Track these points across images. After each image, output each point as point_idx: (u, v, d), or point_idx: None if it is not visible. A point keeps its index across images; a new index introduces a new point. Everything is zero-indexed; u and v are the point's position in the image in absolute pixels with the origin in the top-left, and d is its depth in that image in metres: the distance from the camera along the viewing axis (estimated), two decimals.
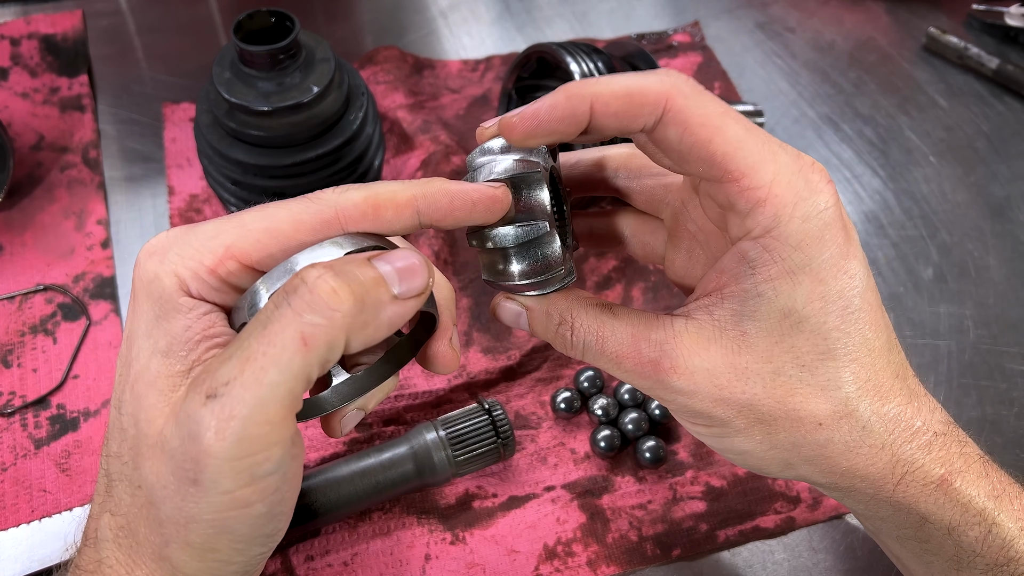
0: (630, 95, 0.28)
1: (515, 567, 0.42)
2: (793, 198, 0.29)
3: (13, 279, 0.52)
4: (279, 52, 0.45)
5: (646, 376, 0.30)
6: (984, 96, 0.68)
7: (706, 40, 0.70)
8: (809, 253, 0.29)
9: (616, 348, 0.30)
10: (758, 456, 0.31)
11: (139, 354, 0.27)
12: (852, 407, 0.30)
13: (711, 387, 0.30)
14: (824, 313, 0.30)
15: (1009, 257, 0.58)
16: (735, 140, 0.28)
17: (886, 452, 0.31)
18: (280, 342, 0.24)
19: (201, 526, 0.25)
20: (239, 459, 0.24)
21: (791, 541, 0.45)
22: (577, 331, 0.31)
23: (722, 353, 0.30)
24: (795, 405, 0.30)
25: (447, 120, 0.63)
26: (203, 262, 0.27)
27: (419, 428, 0.43)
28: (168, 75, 0.64)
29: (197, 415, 0.24)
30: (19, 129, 0.59)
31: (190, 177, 0.58)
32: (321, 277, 0.25)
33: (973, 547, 0.31)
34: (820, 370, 0.30)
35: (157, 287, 0.27)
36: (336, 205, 0.28)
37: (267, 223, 0.27)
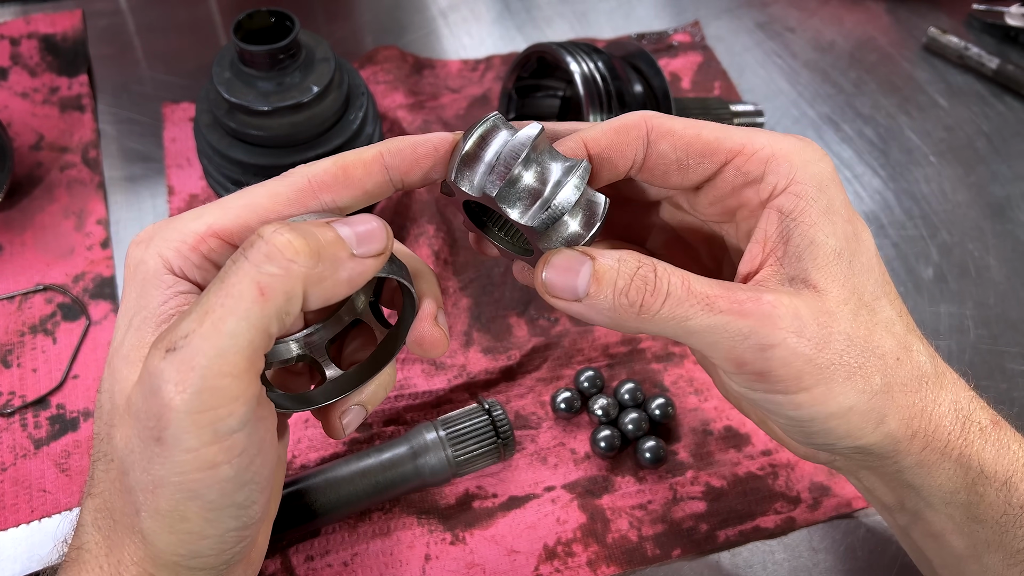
0: (615, 129, 0.30)
1: (515, 567, 0.42)
2: (796, 148, 0.30)
3: (13, 279, 0.52)
4: (279, 52, 0.45)
5: (747, 312, 0.28)
6: (984, 96, 0.68)
7: (706, 40, 0.70)
8: (831, 195, 0.30)
9: (707, 288, 0.28)
10: (860, 411, 0.29)
11: (117, 333, 0.28)
12: (910, 342, 0.31)
13: (815, 325, 0.28)
14: (859, 252, 0.30)
15: (1009, 257, 0.58)
16: (718, 129, 0.31)
17: (947, 392, 0.31)
18: (237, 292, 0.24)
19: (168, 490, 0.25)
20: (200, 412, 0.24)
21: (791, 541, 0.45)
22: (661, 272, 0.28)
23: (807, 302, 0.29)
24: (876, 343, 0.30)
25: (447, 120, 0.63)
26: (186, 241, 0.28)
27: (419, 428, 0.43)
28: (168, 75, 0.64)
29: (157, 369, 0.24)
30: (19, 129, 0.59)
31: (190, 177, 0.58)
32: (277, 231, 0.25)
33: (1021, 500, 0.31)
34: (879, 308, 0.30)
35: (142, 270, 0.28)
36: (308, 174, 0.29)
37: (245, 200, 0.28)
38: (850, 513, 0.45)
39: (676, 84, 0.67)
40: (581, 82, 0.48)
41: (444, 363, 0.49)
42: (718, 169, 0.31)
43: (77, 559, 0.27)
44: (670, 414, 0.47)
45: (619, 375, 0.50)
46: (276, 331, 0.25)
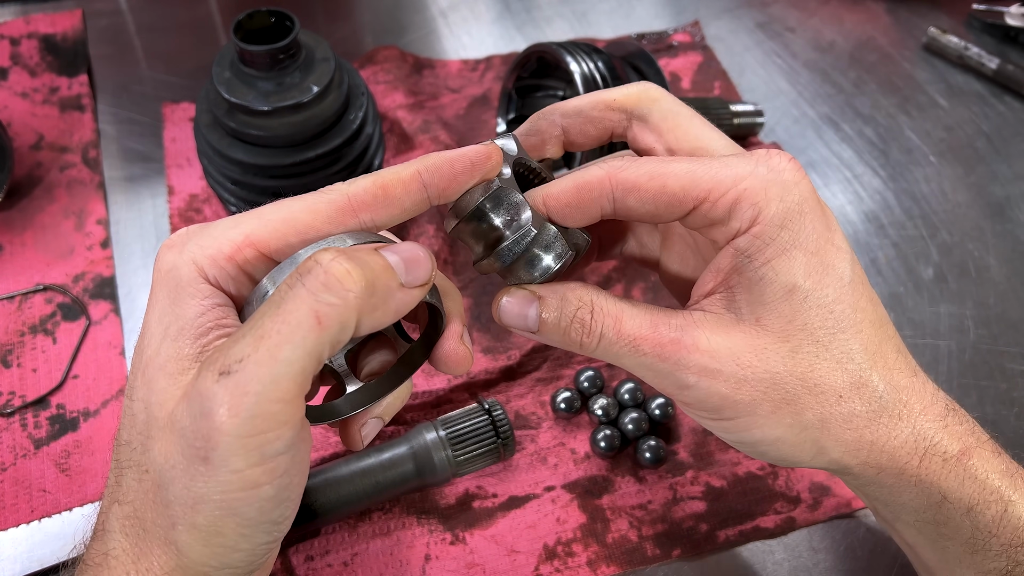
0: (577, 187, 0.31)
1: (515, 567, 0.42)
2: (763, 184, 0.30)
3: (13, 279, 0.52)
4: (279, 52, 0.45)
5: (666, 357, 0.30)
6: (984, 96, 0.68)
7: (706, 40, 0.70)
8: (795, 230, 0.30)
9: (635, 330, 0.30)
10: (790, 442, 0.31)
11: (151, 340, 0.28)
12: (866, 377, 0.31)
13: (733, 365, 0.30)
14: (823, 285, 0.31)
15: (1009, 257, 0.58)
16: (686, 173, 0.30)
17: (905, 424, 0.31)
18: (295, 320, 0.24)
19: (209, 507, 0.25)
20: (251, 436, 0.24)
21: (791, 541, 0.45)
22: (597, 314, 0.31)
23: (741, 336, 0.30)
24: (816, 380, 0.30)
25: (447, 120, 0.63)
26: (222, 250, 0.28)
27: (419, 428, 0.42)
28: (168, 75, 0.64)
29: (210, 392, 0.24)
30: (19, 129, 0.59)
31: (190, 177, 0.58)
32: (335, 260, 0.25)
33: (989, 527, 0.31)
34: (833, 343, 0.31)
35: (174, 276, 0.28)
36: (347, 193, 0.29)
37: (284, 213, 0.28)
38: (850, 513, 0.45)
39: (676, 84, 0.67)
40: (581, 82, 0.48)
41: None
42: (685, 214, 0.31)
43: (103, 563, 0.27)
44: (670, 414, 0.47)
45: (619, 375, 0.50)
46: (327, 358, 0.26)
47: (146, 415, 0.27)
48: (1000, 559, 0.31)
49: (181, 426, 0.25)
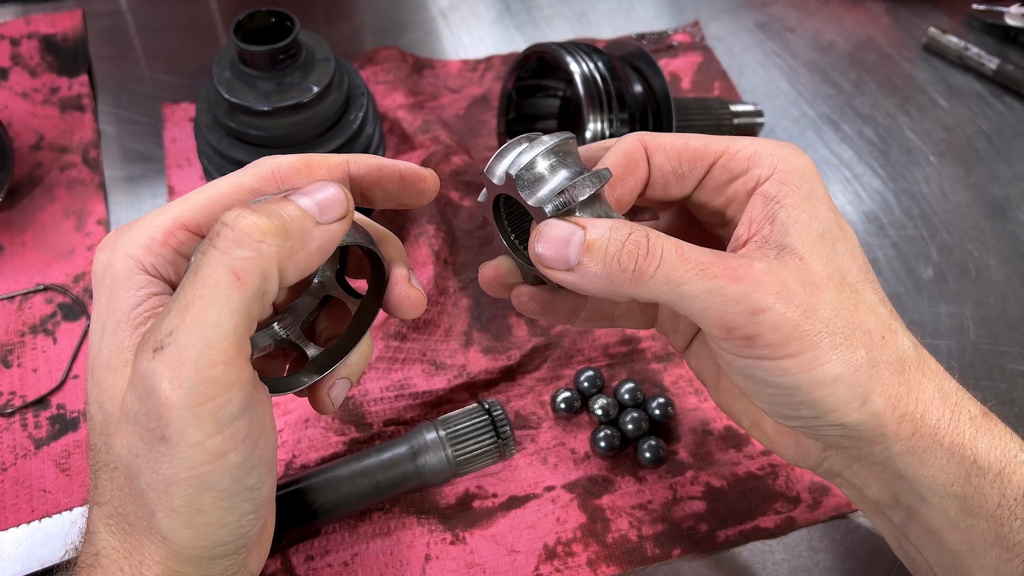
0: (624, 154, 0.33)
1: (515, 567, 0.42)
2: (776, 146, 0.33)
3: (13, 279, 0.52)
4: (279, 52, 0.45)
5: (740, 278, 0.28)
6: (984, 96, 0.68)
7: (706, 40, 0.70)
8: (812, 185, 0.32)
9: (699, 255, 0.29)
10: (846, 383, 0.29)
11: (93, 341, 0.28)
12: (894, 327, 0.31)
13: (802, 293, 0.29)
14: (843, 239, 0.32)
15: (1009, 257, 0.58)
16: (703, 138, 0.33)
17: (931, 380, 0.32)
18: (213, 282, 0.25)
19: (181, 487, 0.25)
20: (200, 405, 0.24)
21: (791, 541, 0.45)
22: (654, 238, 0.29)
23: (794, 272, 0.30)
24: (860, 319, 0.30)
25: (447, 120, 0.63)
26: (155, 237, 0.28)
27: (419, 428, 0.43)
28: (168, 75, 0.64)
29: (148, 370, 0.24)
30: (19, 129, 0.59)
31: (190, 177, 0.58)
32: (240, 215, 0.25)
33: (1015, 494, 0.31)
34: (863, 290, 0.31)
35: (111, 274, 0.28)
36: (272, 165, 0.30)
37: (209, 191, 0.29)
38: (850, 513, 0.45)
39: (676, 84, 0.67)
40: (581, 82, 0.48)
41: (444, 363, 0.49)
42: (707, 170, 0.33)
43: (95, 563, 0.27)
44: (670, 414, 0.47)
45: (619, 375, 0.50)
46: (257, 313, 0.26)
47: (102, 414, 0.27)
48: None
49: (133, 413, 0.25)
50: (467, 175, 0.57)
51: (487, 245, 0.55)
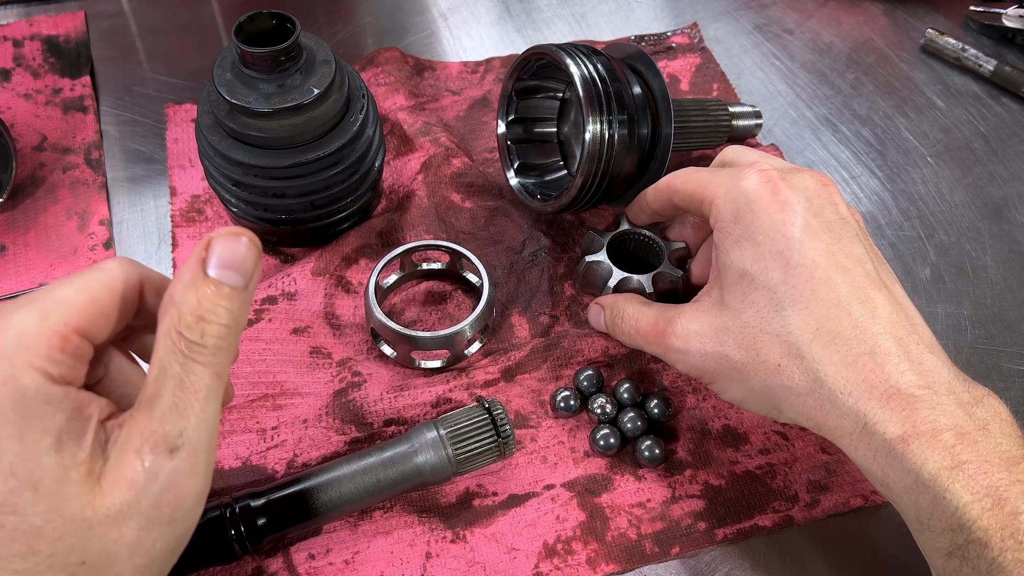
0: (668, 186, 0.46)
1: (515, 565, 0.43)
2: (724, 189, 0.40)
3: (16, 279, 0.52)
4: (280, 54, 0.45)
5: (659, 343, 0.43)
6: (981, 97, 0.68)
7: (704, 42, 0.71)
8: (745, 223, 0.39)
9: (644, 327, 0.44)
10: (752, 402, 0.40)
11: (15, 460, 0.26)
12: (803, 351, 0.36)
13: (697, 345, 0.41)
14: (767, 270, 0.38)
15: (1006, 257, 0.58)
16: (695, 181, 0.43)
17: (844, 399, 0.35)
18: (205, 387, 0.29)
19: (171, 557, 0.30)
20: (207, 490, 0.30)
21: (789, 539, 0.45)
22: (626, 318, 0.46)
23: (709, 319, 0.40)
24: (758, 351, 0.38)
25: (448, 122, 0.63)
26: (53, 345, 0.28)
27: (419, 427, 0.43)
28: (170, 76, 0.65)
29: (172, 468, 0.28)
30: (21, 130, 0.59)
31: (192, 178, 0.58)
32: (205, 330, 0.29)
33: (928, 510, 0.33)
34: (774, 319, 0.37)
35: (16, 387, 0.27)
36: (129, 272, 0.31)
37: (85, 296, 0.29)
38: (848, 512, 0.46)
39: (675, 86, 0.68)
40: (581, 84, 0.48)
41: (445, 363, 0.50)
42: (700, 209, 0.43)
43: None
44: (669, 413, 0.48)
45: (618, 375, 0.50)
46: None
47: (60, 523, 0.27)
48: (942, 539, 0.33)
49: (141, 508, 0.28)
50: (467, 177, 0.58)
51: (489, 246, 0.56)
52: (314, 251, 0.54)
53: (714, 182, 0.41)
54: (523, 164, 0.57)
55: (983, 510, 0.31)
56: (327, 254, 0.53)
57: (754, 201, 0.38)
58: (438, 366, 0.50)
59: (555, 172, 0.58)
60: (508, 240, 0.56)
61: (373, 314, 0.48)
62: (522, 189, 0.56)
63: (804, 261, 0.37)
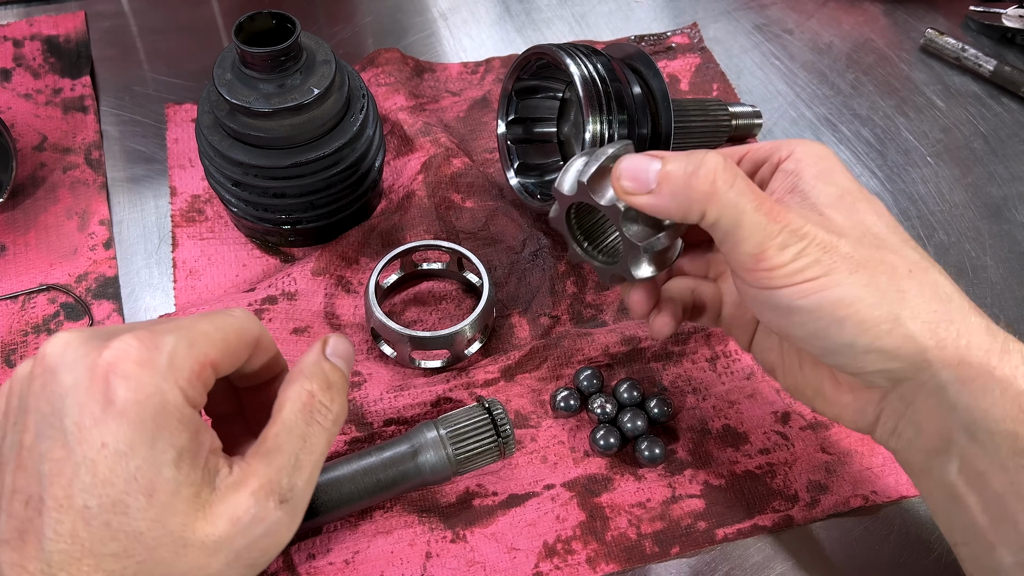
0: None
1: (515, 565, 0.43)
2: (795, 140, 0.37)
3: (16, 279, 0.52)
4: (280, 54, 0.45)
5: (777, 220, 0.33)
6: (981, 97, 0.68)
7: (704, 42, 0.71)
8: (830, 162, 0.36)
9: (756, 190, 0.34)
10: (869, 303, 0.32)
11: (142, 465, 0.29)
12: (927, 268, 0.33)
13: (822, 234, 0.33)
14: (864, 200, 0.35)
15: (1006, 257, 0.58)
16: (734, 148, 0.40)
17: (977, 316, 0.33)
18: (319, 450, 0.33)
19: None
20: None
21: (789, 539, 0.45)
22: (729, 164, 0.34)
23: (816, 222, 0.34)
24: (882, 257, 0.33)
25: (448, 122, 0.63)
26: (193, 370, 0.31)
27: (419, 427, 0.43)
28: (170, 76, 0.65)
29: (276, 519, 0.31)
30: (22, 130, 0.60)
31: (192, 178, 0.58)
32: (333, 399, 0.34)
33: None
34: (889, 239, 0.34)
35: (157, 402, 0.29)
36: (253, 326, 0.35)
37: (222, 333, 0.33)
38: (848, 512, 0.46)
39: (675, 86, 0.68)
40: (581, 84, 0.48)
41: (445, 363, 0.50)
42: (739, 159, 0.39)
43: None
44: (669, 413, 0.48)
45: (618, 375, 0.50)
46: None
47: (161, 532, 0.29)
48: None
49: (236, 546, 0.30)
50: (467, 177, 0.58)
51: (489, 246, 0.56)
52: (314, 251, 0.54)
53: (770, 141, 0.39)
54: (523, 164, 0.57)
55: None
56: (327, 254, 0.53)
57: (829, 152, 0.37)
58: (438, 366, 0.50)
59: (555, 172, 0.58)
60: (508, 240, 0.56)
61: (373, 314, 0.48)
62: (522, 189, 0.56)
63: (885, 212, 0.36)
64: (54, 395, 0.30)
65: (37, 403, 0.30)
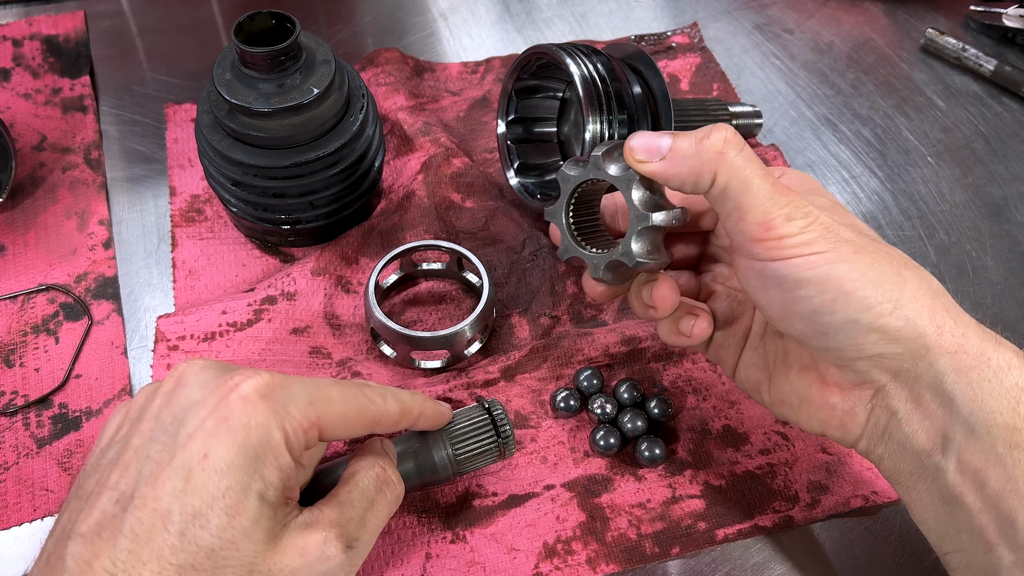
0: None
1: (515, 565, 0.43)
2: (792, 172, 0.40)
3: (15, 279, 0.52)
4: (280, 54, 0.45)
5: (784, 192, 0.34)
6: (982, 97, 0.68)
7: (704, 42, 0.71)
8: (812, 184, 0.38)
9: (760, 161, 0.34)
10: (872, 280, 0.32)
11: (233, 486, 0.30)
12: (918, 266, 0.35)
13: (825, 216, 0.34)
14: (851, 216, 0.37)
15: (1006, 257, 0.58)
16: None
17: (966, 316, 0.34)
18: (380, 520, 0.36)
19: None
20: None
21: (789, 539, 0.45)
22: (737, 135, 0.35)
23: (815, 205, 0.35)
24: (880, 248, 0.34)
25: (447, 122, 0.63)
26: (302, 424, 0.33)
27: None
28: (170, 76, 0.65)
29: (341, 560, 0.33)
30: (21, 130, 0.59)
31: (192, 178, 0.58)
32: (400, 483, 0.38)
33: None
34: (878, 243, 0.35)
35: (264, 433, 0.31)
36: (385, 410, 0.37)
37: (344, 407, 0.35)
38: (848, 512, 0.46)
39: (675, 85, 0.68)
40: (581, 83, 0.48)
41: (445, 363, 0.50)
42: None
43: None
44: (669, 414, 0.48)
45: (618, 375, 0.50)
46: None
47: (232, 552, 0.30)
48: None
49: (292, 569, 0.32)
50: (467, 177, 0.58)
51: (489, 246, 0.55)
52: (314, 251, 0.54)
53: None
54: (523, 164, 0.57)
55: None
56: (327, 254, 0.53)
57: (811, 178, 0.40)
58: (438, 366, 0.50)
59: (555, 172, 0.58)
60: (508, 240, 0.56)
61: (373, 314, 0.48)
62: (522, 189, 0.56)
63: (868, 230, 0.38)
64: (178, 406, 0.32)
65: (159, 412, 0.32)
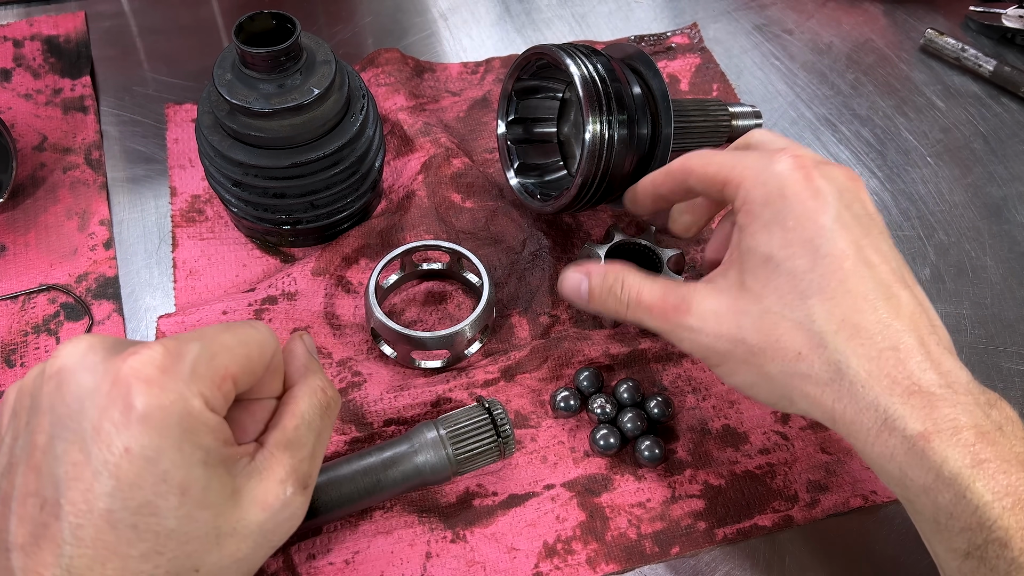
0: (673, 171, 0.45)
1: (515, 565, 0.43)
2: (754, 172, 0.39)
3: (16, 279, 0.52)
4: (280, 54, 0.45)
5: (667, 319, 0.40)
6: (981, 97, 0.68)
7: (704, 42, 0.71)
8: (776, 208, 0.37)
9: (649, 299, 0.41)
10: (763, 388, 0.38)
11: (170, 467, 0.30)
12: (827, 341, 0.35)
13: (714, 324, 0.38)
14: (794, 257, 0.37)
15: (1006, 257, 0.58)
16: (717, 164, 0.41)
17: (865, 393, 0.35)
18: (327, 440, 0.37)
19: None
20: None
21: (789, 539, 0.45)
22: (625, 287, 0.42)
23: (727, 300, 0.39)
24: (778, 337, 0.37)
25: (448, 122, 0.63)
26: (215, 380, 0.32)
27: (419, 427, 0.43)
28: (170, 76, 0.65)
29: (300, 502, 0.34)
30: (22, 130, 0.60)
31: (192, 178, 0.58)
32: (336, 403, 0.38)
33: (947, 509, 0.33)
34: (797, 307, 0.36)
35: (182, 407, 0.30)
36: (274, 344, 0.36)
37: (244, 348, 0.34)
38: (847, 512, 0.46)
39: (674, 86, 0.68)
40: (580, 84, 0.48)
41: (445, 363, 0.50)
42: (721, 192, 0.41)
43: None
44: (668, 413, 0.48)
45: (618, 375, 0.50)
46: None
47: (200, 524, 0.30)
48: (960, 539, 0.33)
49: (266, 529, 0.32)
50: (468, 177, 0.58)
51: (489, 246, 0.56)
52: (314, 251, 0.54)
53: (741, 164, 0.39)
54: (523, 164, 0.57)
55: (1004, 509, 0.31)
56: (327, 254, 0.53)
57: (787, 186, 0.37)
58: (438, 366, 0.50)
59: (555, 172, 0.58)
60: (508, 240, 0.56)
61: (373, 314, 0.48)
62: (522, 189, 0.56)
63: (834, 251, 0.36)
64: (71, 396, 0.30)
65: (51, 403, 0.30)
